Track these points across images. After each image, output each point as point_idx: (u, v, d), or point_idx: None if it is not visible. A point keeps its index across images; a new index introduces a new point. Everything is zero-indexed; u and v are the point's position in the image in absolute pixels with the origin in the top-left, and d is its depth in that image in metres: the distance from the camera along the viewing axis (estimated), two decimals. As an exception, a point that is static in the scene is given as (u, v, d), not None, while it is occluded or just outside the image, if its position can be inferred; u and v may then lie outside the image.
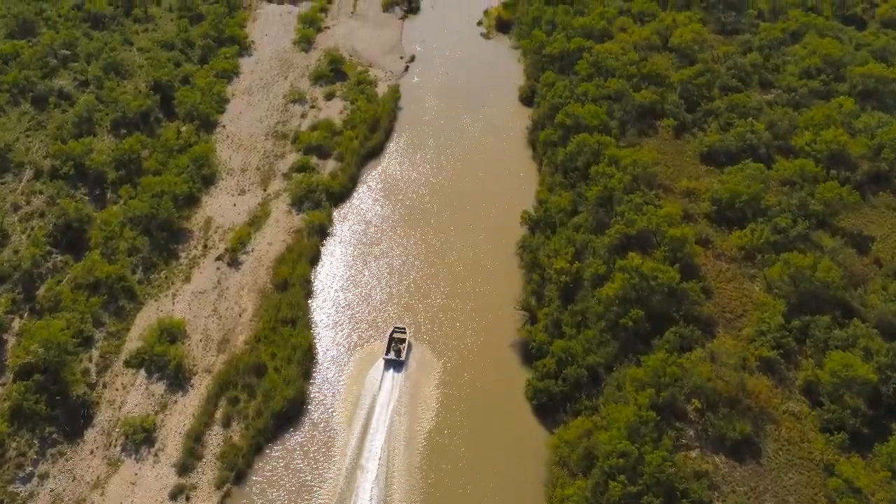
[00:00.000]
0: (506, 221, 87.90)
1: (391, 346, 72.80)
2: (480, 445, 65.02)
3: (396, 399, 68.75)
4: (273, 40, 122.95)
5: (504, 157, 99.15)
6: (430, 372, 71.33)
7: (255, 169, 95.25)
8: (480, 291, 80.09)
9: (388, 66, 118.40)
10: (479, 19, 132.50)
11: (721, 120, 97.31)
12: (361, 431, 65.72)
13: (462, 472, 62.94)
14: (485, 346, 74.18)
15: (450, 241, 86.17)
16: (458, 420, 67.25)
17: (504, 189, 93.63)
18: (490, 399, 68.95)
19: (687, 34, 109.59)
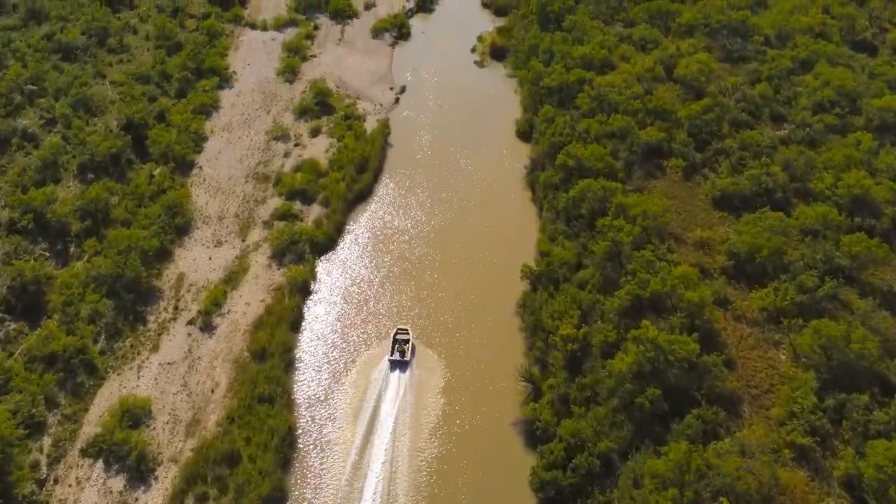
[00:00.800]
0: (505, 274, 79.33)
1: (395, 347, 70.59)
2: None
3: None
4: (256, 70, 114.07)
5: (502, 201, 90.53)
6: (419, 467, 62.40)
7: (233, 216, 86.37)
8: (478, 357, 71.44)
9: (378, 97, 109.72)
10: (473, 45, 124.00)
11: (732, 159, 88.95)
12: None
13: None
14: (483, 425, 65.48)
15: (444, 299, 77.51)
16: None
17: (502, 237, 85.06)
18: (491, 491, 60.25)
19: (693, 65, 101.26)
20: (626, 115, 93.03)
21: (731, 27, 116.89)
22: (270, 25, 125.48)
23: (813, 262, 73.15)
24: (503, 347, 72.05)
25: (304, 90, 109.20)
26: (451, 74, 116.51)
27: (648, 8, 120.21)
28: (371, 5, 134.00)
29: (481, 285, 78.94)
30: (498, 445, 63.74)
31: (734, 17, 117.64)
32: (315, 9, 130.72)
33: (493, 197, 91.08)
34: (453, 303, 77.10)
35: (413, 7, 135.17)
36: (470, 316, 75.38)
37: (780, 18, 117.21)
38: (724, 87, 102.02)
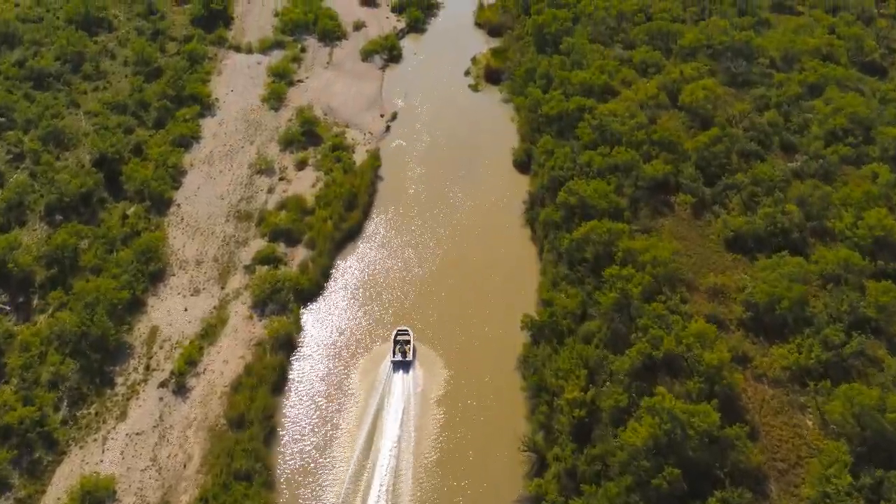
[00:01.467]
0: (504, 323, 72.43)
1: (396, 349, 69.01)
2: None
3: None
4: (240, 96, 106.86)
5: (499, 240, 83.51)
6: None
7: (212, 260, 79.17)
8: (476, 420, 64.41)
9: (367, 125, 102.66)
10: (467, 68, 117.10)
11: (744, 195, 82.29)
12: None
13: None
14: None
15: (440, 353, 70.50)
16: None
17: (501, 280, 78.13)
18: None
19: (698, 91, 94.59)
20: (629, 148, 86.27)
21: (735, 49, 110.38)
22: (256, 48, 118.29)
23: (837, 313, 66.48)
24: (503, 409, 65.05)
25: (291, 118, 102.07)
26: (444, 99, 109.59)
27: (648, 29, 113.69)
28: (361, 25, 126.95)
29: (478, 336, 72.02)
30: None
31: (738, 38, 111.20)
32: (302, 30, 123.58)
33: (490, 235, 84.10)
34: (449, 358, 70.10)
35: (404, 27, 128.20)
36: (467, 372, 68.33)
37: (786, 40, 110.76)
38: (731, 114, 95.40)
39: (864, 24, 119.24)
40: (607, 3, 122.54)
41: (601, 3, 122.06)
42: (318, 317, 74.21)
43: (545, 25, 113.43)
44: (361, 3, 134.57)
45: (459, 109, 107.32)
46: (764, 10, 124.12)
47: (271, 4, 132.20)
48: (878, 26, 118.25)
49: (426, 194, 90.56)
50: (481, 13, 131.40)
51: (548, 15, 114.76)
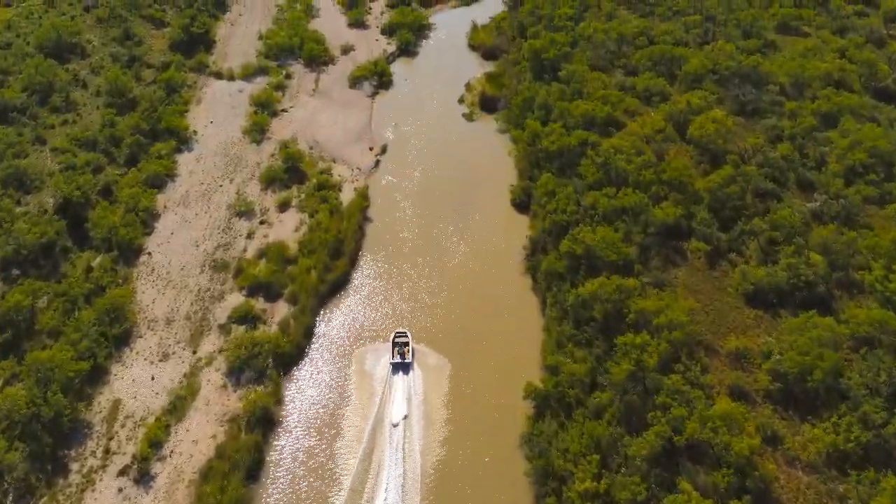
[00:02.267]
0: (505, 389, 64.25)
1: (395, 351, 67.40)
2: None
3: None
4: (220, 128, 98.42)
5: (498, 291, 75.27)
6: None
7: (184, 318, 70.77)
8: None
9: (355, 159, 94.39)
10: (461, 94, 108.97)
11: (761, 241, 74.56)
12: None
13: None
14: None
15: (433, 435, 62.34)
16: None
17: (500, 338, 69.83)
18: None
19: (708, 125, 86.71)
20: (637, 189, 78.35)
21: (742, 74, 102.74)
22: (238, 74, 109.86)
23: (874, 383, 58.67)
24: (504, 498, 56.93)
25: (274, 153, 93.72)
26: (436, 130, 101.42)
27: (651, 54, 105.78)
28: (349, 49, 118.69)
29: (476, 402, 63.87)
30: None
31: (745, 63, 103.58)
32: (287, 55, 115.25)
33: (488, 286, 75.94)
34: (444, 431, 61.91)
35: (395, 50, 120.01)
36: (464, 453, 60.13)
37: (795, 65, 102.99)
38: (744, 148, 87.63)
39: (875, 46, 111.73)
40: (606, 26, 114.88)
41: (600, 26, 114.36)
42: (299, 385, 65.84)
43: (543, 51, 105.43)
44: (350, 25, 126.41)
45: (453, 141, 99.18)
46: (769, 32, 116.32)
47: (255, 27, 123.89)
48: (890, 50, 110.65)
49: (418, 238, 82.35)
50: (475, 35, 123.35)
51: (545, 40, 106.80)
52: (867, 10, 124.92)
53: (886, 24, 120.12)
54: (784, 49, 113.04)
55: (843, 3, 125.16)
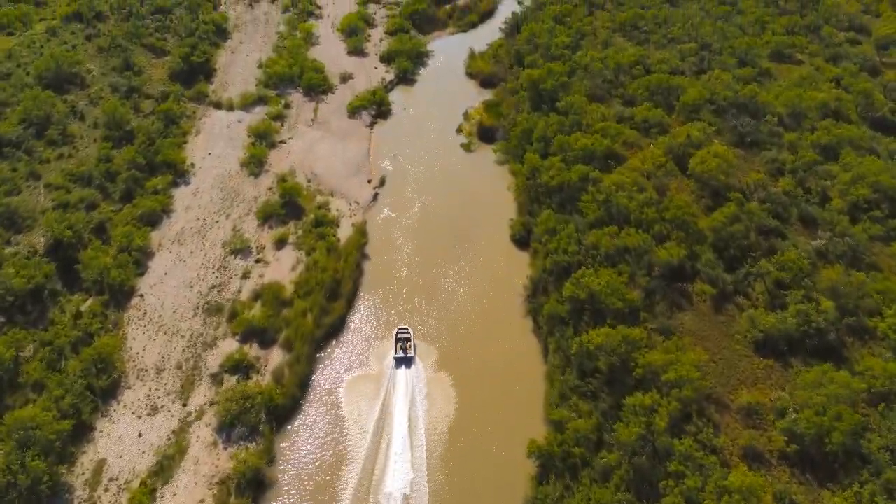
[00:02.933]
0: (507, 444, 58.00)
1: (398, 346, 65.80)
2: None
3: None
4: (217, 160, 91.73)
5: (499, 334, 68.83)
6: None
7: (175, 367, 64.18)
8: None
9: (354, 193, 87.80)
10: (459, 124, 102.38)
11: (768, 283, 68.26)
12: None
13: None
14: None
15: (434, 490, 55.87)
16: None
17: (501, 388, 63.29)
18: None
19: (710, 161, 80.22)
20: (640, 230, 71.96)
21: (740, 104, 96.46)
22: (237, 104, 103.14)
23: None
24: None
25: (271, 186, 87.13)
26: (435, 161, 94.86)
27: (648, 84, 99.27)
28: (348, 77, 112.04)
29: (478, 459, 57.40)
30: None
31: (742, 93, 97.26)
32: (287, 83, 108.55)
33: (488, 329, 69.48)
34: (441, 495, 55.45)
35: (393, 79, 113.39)
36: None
37: (793, 95, 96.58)
38: (746, 184, 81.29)
39: (870, 74, 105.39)
40: (603, 54, 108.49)
41: (597, 55, 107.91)
42: (293, 441, 59.26)
43: (540, 81, 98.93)
44: (349, 53, 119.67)
45: (452, 173, 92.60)
46: (763, 59, 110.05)
47: (256, 55, 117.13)
48: (885, 79, 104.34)
49: (416, 277, 75.79)
50: (472, 63, 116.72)
51: (543, 70, 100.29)
52: (859, 37, 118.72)
53: (879, 51, 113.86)
54: (779, 77, 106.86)
55: (834, 31, 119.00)
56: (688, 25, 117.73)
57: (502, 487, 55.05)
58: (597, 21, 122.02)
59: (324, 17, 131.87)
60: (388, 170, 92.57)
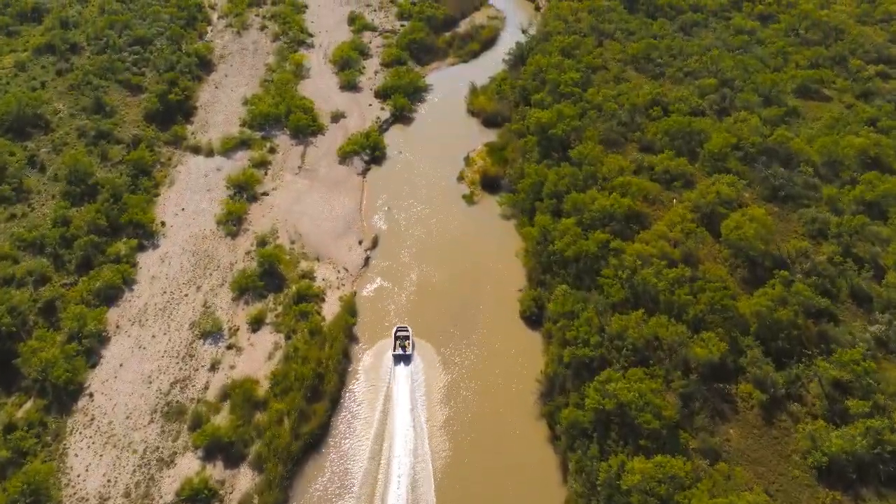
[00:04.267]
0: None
1: (397, 343, 63.85)
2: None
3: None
4: (191, 218, 78.99)
5: (508, 443, 56.21)
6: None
7: (122, 496, 51.33)
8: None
9: (343, 256, 75.15)
10: (461, 171, 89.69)
11: (825, 384, 55.76)
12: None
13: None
14: None
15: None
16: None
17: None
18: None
19: (747, 227, 67.57)
20: (671, 318, 59.35)
21: (770, 151, 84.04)
22: (217, 149, 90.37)
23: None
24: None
25: (250, 249, 74.43)
26: (434, 216, 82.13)
27: (668, 128, 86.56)
28: (339, 116, 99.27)
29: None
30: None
31: (772, 139, 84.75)
32: (273, 124, 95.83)
33: (496, 435, 56.82)
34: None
35: (389, 117, 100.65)
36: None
37: (829, 142, 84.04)
38: (787, 252, 68.73)
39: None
40: (616, 91, 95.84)
41: (610, 92, 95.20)
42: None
43: (550, 125, 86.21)
44: (342, 88, 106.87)
45: (452, 231, 79.86)
46: (789, 96, 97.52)
47: (241, 90, 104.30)
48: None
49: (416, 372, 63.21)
50: (474, 99, 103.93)
51: (552, 113, 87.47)
52: (888, 69, 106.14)
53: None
54: (807, 116, 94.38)
55: (862, 64, 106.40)
56: (706, 58, 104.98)
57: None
58: (607, 52, 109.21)
59: (316, 47, 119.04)
60: (382, 228, 79.80)
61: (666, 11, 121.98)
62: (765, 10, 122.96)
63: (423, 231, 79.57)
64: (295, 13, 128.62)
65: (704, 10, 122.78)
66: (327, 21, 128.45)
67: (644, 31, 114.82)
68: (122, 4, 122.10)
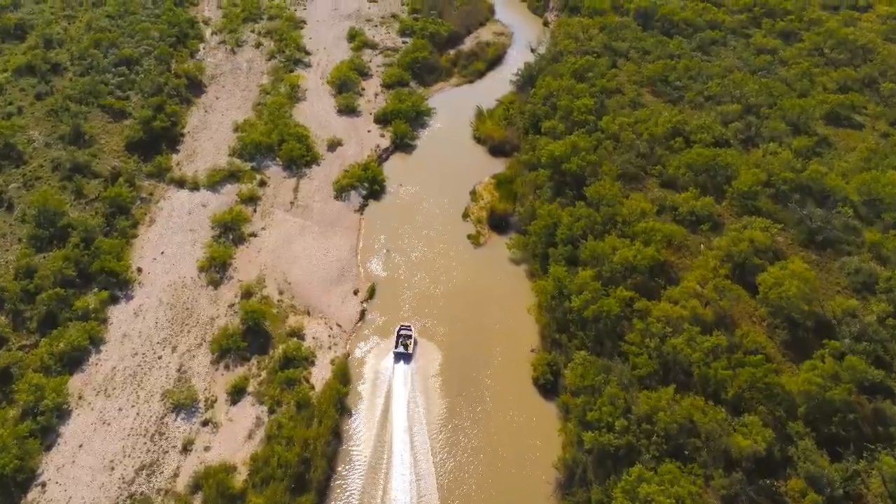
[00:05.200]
0: None
1: (399, 342, 61.31)
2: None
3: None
4: (171, 263, 70.27)
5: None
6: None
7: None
8: None
9: (336, 309, 66.42)
10: (466, 207, 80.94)
11: (888, 481, 46.95)
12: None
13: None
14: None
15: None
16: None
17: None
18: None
19: (789, 286, 58.51)
20: (708, 399, 50.57)
21: (803, 188, 75.17)
22: (203, 182, 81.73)
23: None
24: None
25: (234, 302, 65.77)
26: (436, 261, 73.32)
27: (691, 162, 77.71)
28: (336, 144, 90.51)
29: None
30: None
31: (805, 175, 75.85)
32: (265, 153, 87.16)
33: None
34: None
35: (389, 145, 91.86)
36: None
37: (869, 178, 75.06)
38: (834, 313, 59.77)
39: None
40: (633, 118, 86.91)
41: (626, 120, 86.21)
42: None
43: (563, 159, 77.37)
44: (339, 112, 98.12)
45: (457, 279, 70.96)
46: (818, 123, 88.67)
47: (232, 114, 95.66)
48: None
49: (412, 445, 54.51)
50: (480, 125, 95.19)
51: (566, 145, 78.59)
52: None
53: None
54: (838, 145, 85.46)
55: (894, 87, 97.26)
56: (727, 81, 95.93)
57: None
58: (621, 74, 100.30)
59: (313, 66, 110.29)
60: (380, 275, 71.06)
61: (682, 29, 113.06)
62: (786, 27, 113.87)
63: (424, 278, 70.79)
64: (292, 29, 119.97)
65: (723, 28, 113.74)
66: (326, 37, 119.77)
67: (660, 50, 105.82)
68: (111, 20, 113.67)
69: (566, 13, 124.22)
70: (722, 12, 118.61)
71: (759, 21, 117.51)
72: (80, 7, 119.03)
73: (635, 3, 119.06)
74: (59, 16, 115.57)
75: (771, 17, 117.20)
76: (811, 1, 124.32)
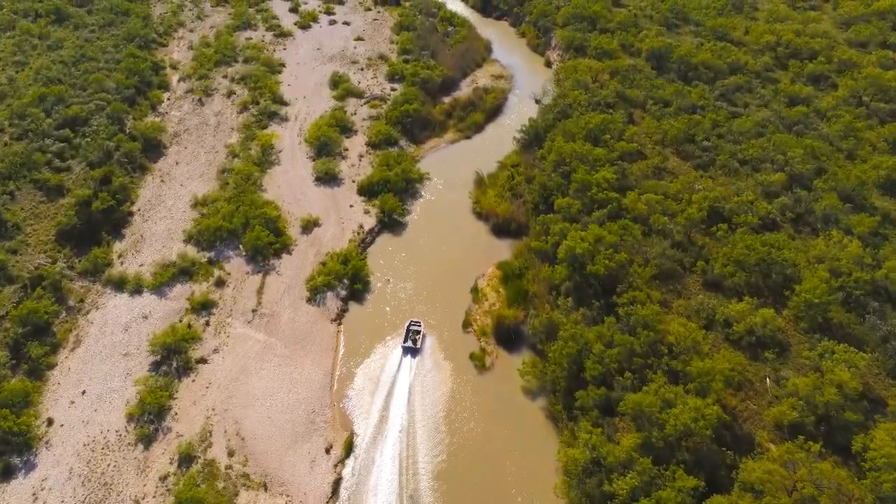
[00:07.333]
0: None
1: (408, 336, 56.96)
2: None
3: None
4: (92, 410, 51.00)
5: None
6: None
7: None
8: None
9: (300, 479, 47.49)
10: (467, 310, 62.27)
11: None
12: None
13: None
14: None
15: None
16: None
17: None
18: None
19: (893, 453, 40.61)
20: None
21: (878, 290, 57.13)
22: (148, 282, 62.67)
23: None
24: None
25: (168, 472, 46.90)
26: (432, 391, 54.59)
27: (740, 258, 59.44)
28: (313, 224, 71.71)
29: None
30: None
31: (882, 272, 57.73)
32: (226, 240, 68.20)
33: None
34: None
35: (375, 224, 73.02)
36: None
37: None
38: None
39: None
40: (661, 195, 68.39)
41: (654, 197, 67.70)
42: None
43: (586, 259, 58.75)
44: (317, 180, 79.08)
45: (459, 428, 52.01)
46: (874, 194, 70.72)
47: (192, 185, 76.68)
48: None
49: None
50: (481, 197, 76.44)
51: (588, 240, 59.89)
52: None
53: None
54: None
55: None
56: (764, 142, 77.64)
57: None
58: (641, 131, 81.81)
59: (290, 120, 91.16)
60: (360, 419, 52.24)
61: (701, 73, 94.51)
62: (815, 69, 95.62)
63: (417, 418, 52.01)
64: (269, 74, 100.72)
65: (745, 71, 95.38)
66: (306, 83, 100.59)
67: (681, 100, 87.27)
68: (64, 67, 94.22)
69: (571, 53, 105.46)
70: (743, 52, 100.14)
71: (783, 62, 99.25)
72: (33, 51, 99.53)
73: (647, 44, 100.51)
74: (9, 61, 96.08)
75: (797, 58, 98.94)
76: (837, 39, 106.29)
